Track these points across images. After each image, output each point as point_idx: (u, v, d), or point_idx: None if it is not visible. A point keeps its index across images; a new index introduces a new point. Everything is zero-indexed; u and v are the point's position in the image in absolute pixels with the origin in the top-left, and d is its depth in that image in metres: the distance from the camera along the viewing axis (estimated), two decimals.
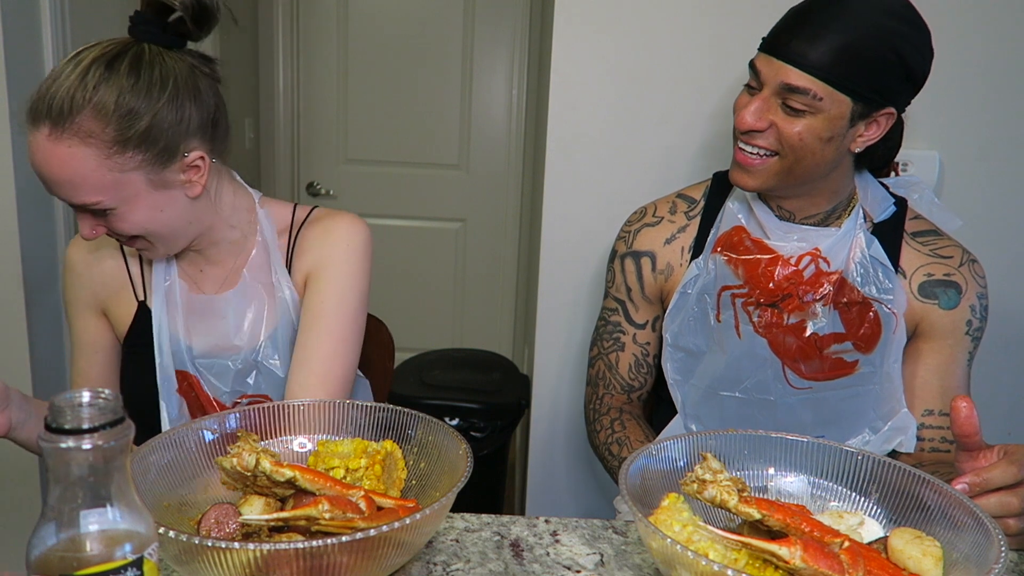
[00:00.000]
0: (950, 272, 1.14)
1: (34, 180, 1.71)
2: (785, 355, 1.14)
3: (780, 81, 1.02)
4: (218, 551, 0.62)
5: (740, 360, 1.16)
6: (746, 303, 1.15)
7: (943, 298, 1.13)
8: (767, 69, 1.04)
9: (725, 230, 1.18)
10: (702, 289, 1.17)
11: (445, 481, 0.81)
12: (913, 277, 1.14)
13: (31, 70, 1.69)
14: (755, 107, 1.04)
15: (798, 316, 1.13)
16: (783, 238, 1.14)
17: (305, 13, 2.96)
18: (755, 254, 1.15)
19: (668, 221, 1.24)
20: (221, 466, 0.76)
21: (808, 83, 1.00)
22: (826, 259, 1.12)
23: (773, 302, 1.14)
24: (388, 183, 3.03)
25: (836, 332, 1.13)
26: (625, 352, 1.26)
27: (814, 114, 1.02)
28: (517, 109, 2.95)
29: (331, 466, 0.83)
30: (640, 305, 1.25)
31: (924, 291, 1.13)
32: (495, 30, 2.91)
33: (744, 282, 1.15)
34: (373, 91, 2.96)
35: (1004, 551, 0.64)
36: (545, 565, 0.78)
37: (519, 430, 2.40)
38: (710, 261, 1.17)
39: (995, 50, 1.49)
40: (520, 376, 2.40)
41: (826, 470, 0.83)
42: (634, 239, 1.25)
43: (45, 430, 0.50)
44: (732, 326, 1.16)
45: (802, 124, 1.02)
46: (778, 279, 1.13)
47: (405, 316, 2.91)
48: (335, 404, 0.91)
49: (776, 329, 1.14)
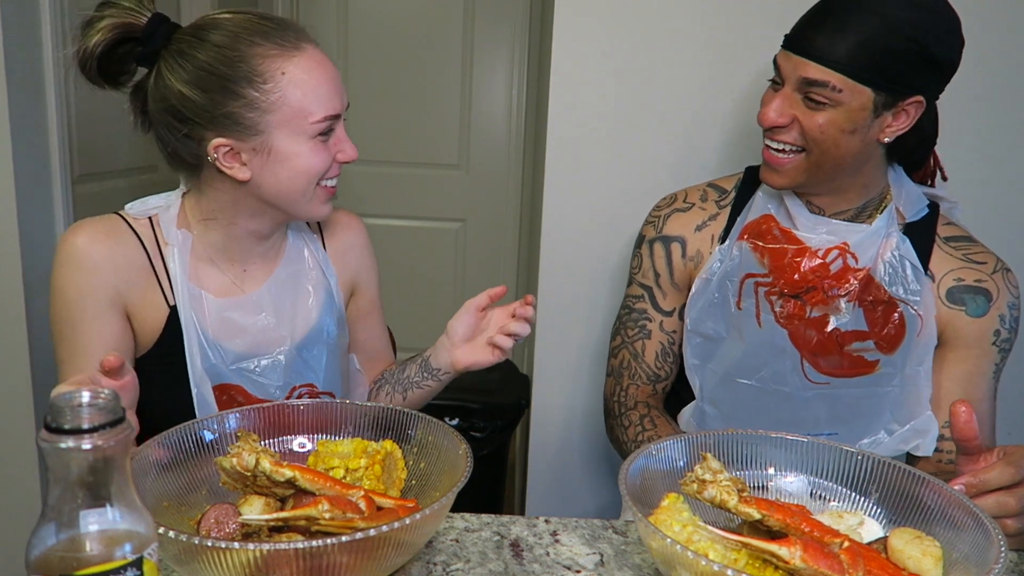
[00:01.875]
0: (981, 278, 1.11)
1: (34, 180, 1.72)
2: (804, 348, 1.13)
3: (799, 76, 1.02)
4: (218, 551, 0.62)
5: (759, 349, 1.14)
6: (769, 292, 1.13)
7: (971, 305, 1.11)
8: (787, 65, 1.04)
9: (754, 218, 1.17)
10: (724, 275, 1.16)
11: (445, 481, 0.81)
12: (942, 281, 1.12)
13: (31, 70, 1.69)
14: (776, 103, 1.05)
15: (821, 310, 1.11)
16: (812, 230, 1.12)
17: (305, 13, 2.95)
18: (783, 243, 1.13)
19: (699, 208, 1.23)
20: (221, 466, 0.76)
21: (826, 75, 1.00)
22: (854, 255, 1.10)
23: (797, 293, 1.12)
24: (388, 183, 3.03)
25: (859, 329, 1.11)
26: (652, 340, 1.24)
27: (835, 106, 1.02)
28: (517, 109, 2.95)
29: (331, 466, 0.83)
30: (668, 292, 1.23)
31: (952, 296, 1.11)
32: (495, 30, 2.91)
33: (769, 271, 1.13)
34: (373, 91, 2.95)
35: (1004, 551, 0.64)
36: (545, 565, 0.78)
37: (519, 430, 2.40)
38: (735, 248, 1.16)
39: (995, 50, 1.49)
40: (520, 376, 2.40)
41: (826, 470, 0.83)
42: (664, 224, 1.24)
43: (44, 430, 0.50)
44: (753, 314, 1.14)
45: (824, 117, 1.02)
46: (804, 271, 1.11)
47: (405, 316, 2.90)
48: (335, 404, 0.91)
49: (798, 321, 1.12)
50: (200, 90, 0.96)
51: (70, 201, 1.82)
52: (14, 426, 1.73)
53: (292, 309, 1.10)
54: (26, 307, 1.67)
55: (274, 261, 1.10)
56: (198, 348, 1.02)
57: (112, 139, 2.03)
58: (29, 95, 1.68)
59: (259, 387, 1.05)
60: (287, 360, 1.07)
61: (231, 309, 1.05)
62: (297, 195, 1.01)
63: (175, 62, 0.97)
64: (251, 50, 0.96)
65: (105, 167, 2.01)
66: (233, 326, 1.05)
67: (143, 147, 2.15)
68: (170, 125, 0.99)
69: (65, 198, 1.80)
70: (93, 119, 1.91)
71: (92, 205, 1.92)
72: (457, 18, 2.90)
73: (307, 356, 1.10)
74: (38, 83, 1.71)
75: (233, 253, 1.07)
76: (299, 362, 1.09)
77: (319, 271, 1.14)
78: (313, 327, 1.11)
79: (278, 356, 1.07)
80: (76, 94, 1.83)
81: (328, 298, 1.13)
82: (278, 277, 1.10)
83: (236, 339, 1.05)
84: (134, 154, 2.12)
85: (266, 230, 1.07)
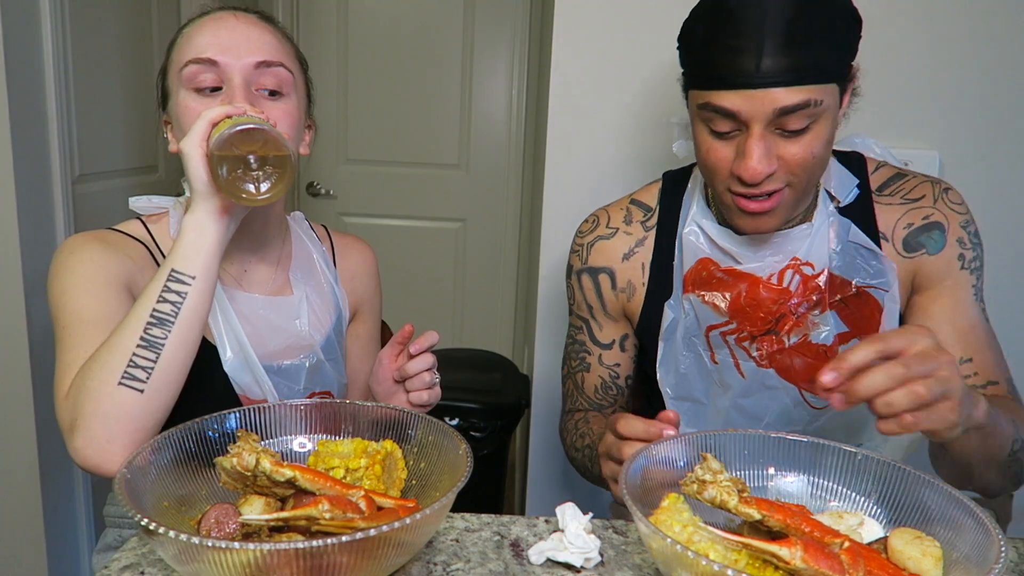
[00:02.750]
0: (928, 214, 1.04)
1: (34, 180, 1.72)
2: (798, 379, 1.05)
3: (771, 110, 0.88)
4: (218, 551, 0.62)
5: (751, 396, 1.07)
6: (739, 339, 1.05)
7: (930, 244, 1.04)
8: (747, 105, 0.88)
9: (690, 266, 1.07)
10: (686, 332, 1.08)
11: (445, 481, 0.81)
12: (895, 235, 1.05)
13: (31, 70, 1.69)
14: (759, 151, 0.90)
15: (798, 333, 1.04)
16: (755, 258, 1.03)
17: (305, 13, 2.96)
18: (732, 284, 1.04)
19: (624, 233, 1.14)
20: (221, 466, 0.76)
21: (804, 95, 0.88)
22: (808, 263, 1.02)
23: (767, 330, 1.04)
24: (388, 183, 3.03)
25: (841, 332, 1.05)
26: (591, 373, 1.19)
27: (817, 121, 0.90)
28: (517, 109, 2.95)
29: (331, 466, 0.83)
30: (604, 324, 1.17)
31: (909, 245, 1.05)
32: (495, 30, 2.91)
33: (730, 317, 1.05)
34: (373, 91, 2.96)
35: (1004, 551, 0.64)
36: (545, 565, 0.78)
37: (519, 430, 2.40)
38: (685, 302, 1.08)
39: (995, 50, 1.49)
40: (520, 376, 2.40)
41: (826, 470, 0.83)
42: (588, 254, 1.16)
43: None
44: (731, 365, 1.07)
45: (808, 139, 0.91)
46: (765, 304, 1.03)
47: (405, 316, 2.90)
48: (335, 404, 0.91)
49: (780, 355, 1.04)
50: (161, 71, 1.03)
51: (70, 201, 1.82)
52: (14, 426, 1.73)
53: (311, 316, 1.10)
54: (26, 307, 1.67)
55: (275, 265, 1.10)
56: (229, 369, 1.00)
57: (112, 139, 2.03)
58: (29, 95, 1.68)
59: (286, 393, 1.05)
60: (311, 364, 1.08)
61: (253, 309, 1.05)
62: None
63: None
64: (184, 28, 1.00)
65: (105, 167, 2.01)
66: (257, 327, 1.04)
67: (143, 147, 2.15)
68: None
69: (65, 198, 1.80)
70: (93, 119, 1.91)
71: (92, 205, 1.92)
72: (457, 18, 2.90)
73: (323, 366, 1.10)
74: (38, 83, 1.71)
75: (230, 252, 1.06)
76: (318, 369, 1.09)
77: (330, 286, 1.15)
78: (326, 337, 1.12)
79: (306, 362, 1.07)
80: (76, 94, 1.83)
81: (338, 314, 1.15)
82: (295, 282, 1.10)
83: (268, 341, 1.05)
84: (134, 154, 2.12)
85: (247, 224, 1.03)
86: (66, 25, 1.78)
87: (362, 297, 1.22)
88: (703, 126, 0.96)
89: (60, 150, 1.77)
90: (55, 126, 1.75)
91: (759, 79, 0.87)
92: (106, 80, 1.99)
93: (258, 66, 0.96)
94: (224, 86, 0.95)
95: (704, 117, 0.94)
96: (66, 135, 1.80)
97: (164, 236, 1.05)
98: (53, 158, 1.76)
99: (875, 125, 1.53)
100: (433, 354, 1.00)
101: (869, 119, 1.51)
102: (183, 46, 0.97)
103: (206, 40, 0.96)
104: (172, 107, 0.99)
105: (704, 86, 0.93)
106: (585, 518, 0.81)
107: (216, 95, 0.95)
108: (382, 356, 1.02)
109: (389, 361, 1.02)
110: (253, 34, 0.98)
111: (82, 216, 1.86)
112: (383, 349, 1.03)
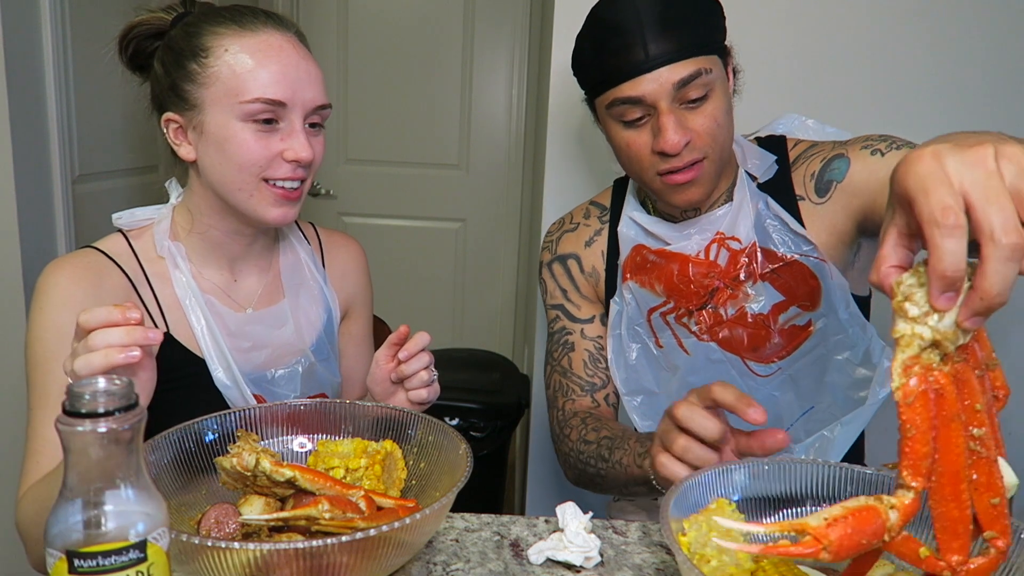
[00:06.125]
0: (825, 155, 1.07)
1: (34, 180, 1.72)
2: (740, 349, 1.09)
3: (670, 84, 0.97)
4: (218, 551, 0.62)
5: (698, 373, 1.09)
6: (678, 317, 1.10)
7: (835, 173, 1.05)
8: (649, 87, 0.97)
9: (626, 255, 1.14)
10: (630, 321, 1.13)
11: (445, 481, 0.81)
12: (808, 190, 1.08)
13: (31, 70, 1.69)
14: (671, 124, 0.97)
15: (735, 305, 1.08)
16: (683, 238, 1.10)
17: (305, 13, 2.96)
18: (664, 265, 1.10)
19: (584, 225, 1.23)
20: (221, 466, 0.76)
21: (693, 66, 0.97)
22: (733, 237, 1.07)
23: (703, 304, 1.09)
24: (388, 183, 3.03)
25: (777, 302, 1.07)
26: (577, 351, 1.20)
27: (713, 90, 0.99)
28: (517, 109, 2.95)
29: (331, 466, 0.83)
30: (580, 303, 1.22)
31: (820, 188, 1.07)
32: (495, 30, 2.91)
33: (667, 296, 1.11)
34: (373, 91, 2.96)
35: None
36: (545, 565, 0.78)
37: (519, 430, 2.40)
38: (625, 291, 1.13)
39: (995, 50, 1.49)
40: (520, 376, 2.40)
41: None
42: (557, 246, 1.24)
43: (63, 414, 0.52)
44: (675, 345, 1.11)
45: (709, 108, 0.99)
46: (696, 279, 1.08)
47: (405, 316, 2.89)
48: (335, 404, 0.91)
49: (719, 327, 1.09)
50: (161, 63, 0.99)
51: (70, 201, 1.82)
52: (14, 426, 1.73)
53: (303, 319, 1.10)
54: (26, 307, 1.67)
55: (266, 271, 1.10)
56: (216, 357, 1.00)
57: (112, 139, 2.03)
58: (29, 95, 1.68)
59: (274, 397, 1.04)
60: (303, 369, 1.08)
61: (240, 325, 1.04)
62: (235, 186, 0.96)
63: (162, 44, 1.00)
64: (207, 27, 0.97)
65: (105, 167, 2.01)
66: (243, 341, 1.04)
67: (143, 147, 2.15)
68: (153, 109, 1.03)
69: (65, 198, 1.80)
70: (93, 119, 1.91)
71: (92, 205, 1.92)
72: (457, 18, 2.90)
73: (316, 368, 1.10)
74: (38, 83, 1.71)
75: (221, 262, 1.05)
76: (312, 372, 1.09)
77: (319, 287, 1.14)
78: (317, 339, 1.11)
79: (297, 368, 1.07)
80: (76, 94, 1.83)
81: (328, 315, 1.14)
82: (286, 288, 1.10)
83: (253, 353, 1.04)
84: (134, 154, 2.12)
85: (242, 236, 1.05)
86: (66, 25, 1.78)
87: (353, 295, 1.21)
88: (617, 124, 1.04)
89: (60, 150, 1.77)
90: (55, 126, 1.76)
91: (651, 63, 0.97)
92: (106, 80, 1.98)
93: (316, 109, 0.98)
94: (282, 123, 0.96)
95: (616, 114, 1.02)
96: (66, 135, 1.80)
97: (147, 251, 1.02)
98: (53, 158, 1.76)
99: (875, 125, 1.52)
100: (430, 352, 1.00)
101: (869, 119, 1.51)
102: (242, 74, 0.93)
103: (274, 78, 0.93)
104: (210, 125, 0.95)
105: (607, 86, 1.01)
106: (585, 517, 0.81)
107: (272, 128, 0.95)
108: (378, 357, 1.02)
109: (385, 362, 1.02)
110: (312, 72, 0.98)
111: (82, 216, 1.86)
112: (379, 350, 1.02)
